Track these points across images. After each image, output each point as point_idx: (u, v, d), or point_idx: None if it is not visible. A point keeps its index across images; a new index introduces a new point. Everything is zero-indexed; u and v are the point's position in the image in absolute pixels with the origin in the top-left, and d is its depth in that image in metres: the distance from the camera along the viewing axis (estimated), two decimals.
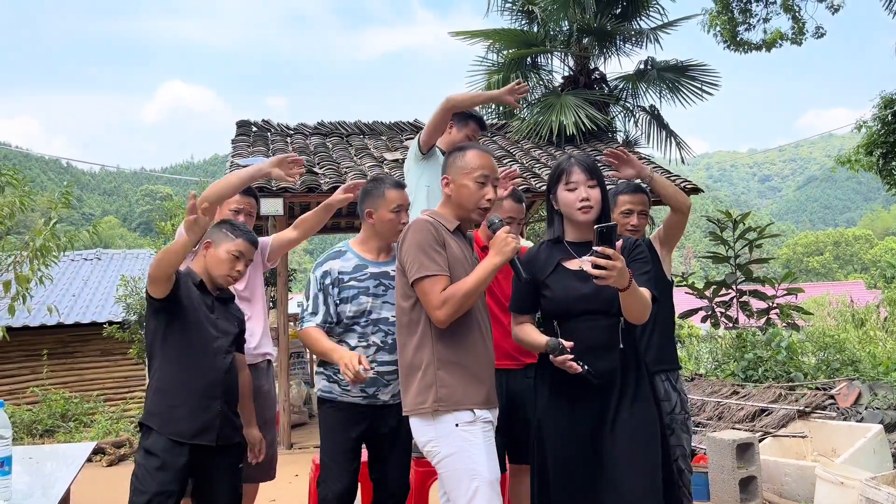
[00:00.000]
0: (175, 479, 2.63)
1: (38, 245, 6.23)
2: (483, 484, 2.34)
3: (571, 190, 2.54)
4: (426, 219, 2.54)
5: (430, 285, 2.40)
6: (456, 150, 2.67)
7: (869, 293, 23.48)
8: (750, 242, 8.47)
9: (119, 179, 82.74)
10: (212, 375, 2.77)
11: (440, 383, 2.40)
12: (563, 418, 2.52)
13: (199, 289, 2.85)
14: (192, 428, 2.69)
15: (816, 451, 5.29)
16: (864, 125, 9.80)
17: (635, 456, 2.42)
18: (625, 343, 2.51)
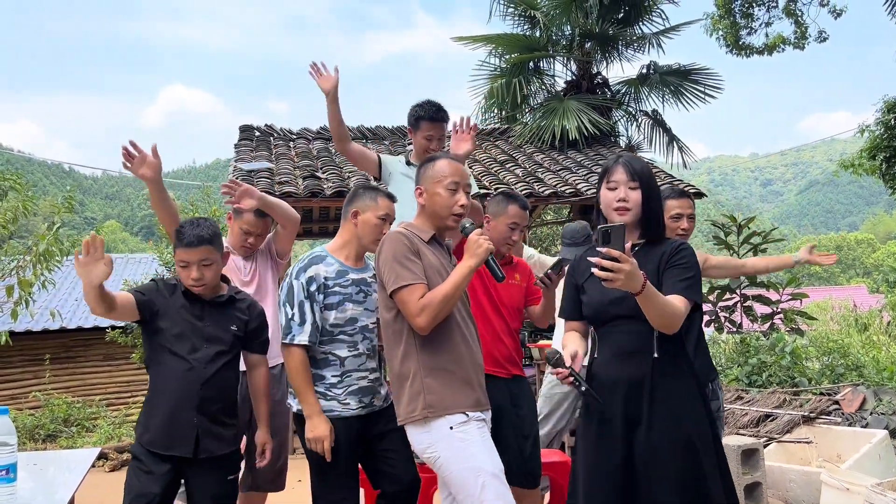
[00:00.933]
0: (157, 484, 2.65)
1: (41, 250, 6.23)
2: (488, 477, 2.37)
3: (612, 189, 2.48)
4: (399, 231, 2.61)
5: (408, 294, 2.45)
6: (427, 160, 2.74)
7: (871, 297, 23.48)
8: (755, 247, 8.44)
9: (121, 184, 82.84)
10: (185, 385, 2.74)
11: (427, 390, 2.45)
12: (594, 426, 2.46)
13: (185, 298, 2.82)
14: (164, 439, 2.70)
15: (821, 457, 5.27)
16: (866, 129, 9.79)
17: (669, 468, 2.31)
18: (660, 352, 2.38)
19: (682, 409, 2.37)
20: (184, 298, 2.83)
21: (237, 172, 7.56)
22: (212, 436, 2.77)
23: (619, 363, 2.41)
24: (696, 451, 2.33)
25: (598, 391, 2.40)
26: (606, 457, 2.38)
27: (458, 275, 2.48)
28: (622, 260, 2.09)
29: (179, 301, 2.81)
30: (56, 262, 6.59)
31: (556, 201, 8.24)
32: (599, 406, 2.40)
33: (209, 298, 2.88)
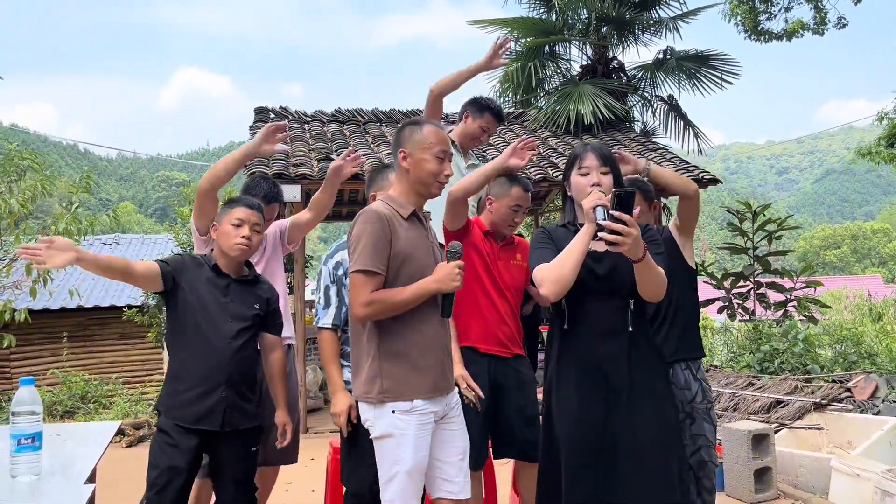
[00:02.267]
0: (184, 457, 2.68)
1: (60, 229, 6.32)
2: (402, 472, 2.38)
3: (584, 175, 2.54)
4: (378, 210, 2.50)
5: (362, 280, 2.40)
6: (410, 123, 2.63)
7: (887, 287, 23.32)
8: (769, 234, 8.42)
9: (135, 166, 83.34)
10: (214, 361, 2.77)
11: (385, 374, 2.43)
12: (572, 403, 2.51)
13: (215, 272, 2.87)
14: (194, 413, 2.73)
15: (832, 444, 5.28)
16: (885, 116, 9.69)
17: (651, 442, 2.43)
18: (634, 326, 2.50)
19: (655, 380, 2.51)
20: (211, 273, 2.86)
21: None
22: (237, 410, 2.82)
23: (598, 339, 2.49)
24: (667, 409, 2.52)
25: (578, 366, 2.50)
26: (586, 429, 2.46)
27: (417, 291, 2.43)
28: (631, 225, 2.14)
29: (206, 275, 2.84)
30: (74, 241, 6.68)
31: None
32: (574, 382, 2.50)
33: (236, 276, 2.91)
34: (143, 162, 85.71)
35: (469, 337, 3.34)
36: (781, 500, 4.54)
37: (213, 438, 2.78)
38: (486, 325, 3.33)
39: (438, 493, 2.54)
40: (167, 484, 2.64)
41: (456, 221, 3.34)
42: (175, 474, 2.66)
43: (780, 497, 4.57)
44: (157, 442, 2.73)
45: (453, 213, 3.33)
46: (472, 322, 3.34)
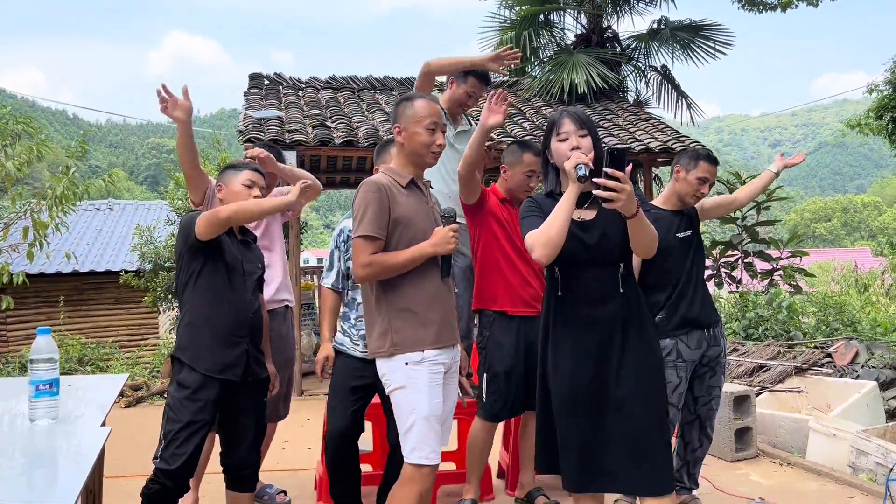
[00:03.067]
0: (206, 410, 2.77)
1: (58, 192, 6.37)
2: (419, 418, 2.56)
3: (562, 140, 2.58)
4: (377, 180, 2.69)
5: (363, 245, 2.59)
6: (404, 99, 2.80)
7: (875, 260, 23.56)
8: (758, 204, 8.55)
9: (125, 132, 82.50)
10: (241, 314, 2.90)
11: (394, 330, 2.61)
12: (567, 364, 2.62)
13: (227, 233, 2.97)
14: (220, 363, 2.81)
15: (811, 406, 5.46)
16: (875, 89, 9.78)
17: (642, 394, 2.55)
18: (625, 288, 2.60)
19: (646, 338, 2.63)
20: (226, 232, 2.95)
21: (248, 120, 7.64)
22: (255, 361, 2.97)
23: (592, 304, 2.60)
24: (658, 376, 2.64)
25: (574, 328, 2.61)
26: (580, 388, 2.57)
27: (414, 253, 2.61)
28: (624, 181, 2.24)
29: (224, 235, 2.94)
30: (72, 205, 6.75)
31: None
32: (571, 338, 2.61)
33: (240, 238, 3.05)
34: (132, 128, 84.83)
35: (497, 302, 3.57)
36: (761, 458, 4.72)
37: (234, 389, 2.88)
38: (511, 289, 3.54)
39: None
40: (190, 436, 2.73)
41: (470, 194, 3.53)
42: (197, 427, 2.75)
43: (760, 456, 4.75)
44: (178, 398, 2.77)
45: (466, 188, 3.52)
46: (497, 287, 3.56)
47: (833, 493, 4.05)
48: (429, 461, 2.55)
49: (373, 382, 3.10)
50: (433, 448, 2.57)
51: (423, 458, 2.55)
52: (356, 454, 3.38)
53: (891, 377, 5.66)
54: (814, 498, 3.97)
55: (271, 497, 3.95)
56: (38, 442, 1.92)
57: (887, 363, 5.81)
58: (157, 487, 2.72)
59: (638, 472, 2.54)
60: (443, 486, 3.86)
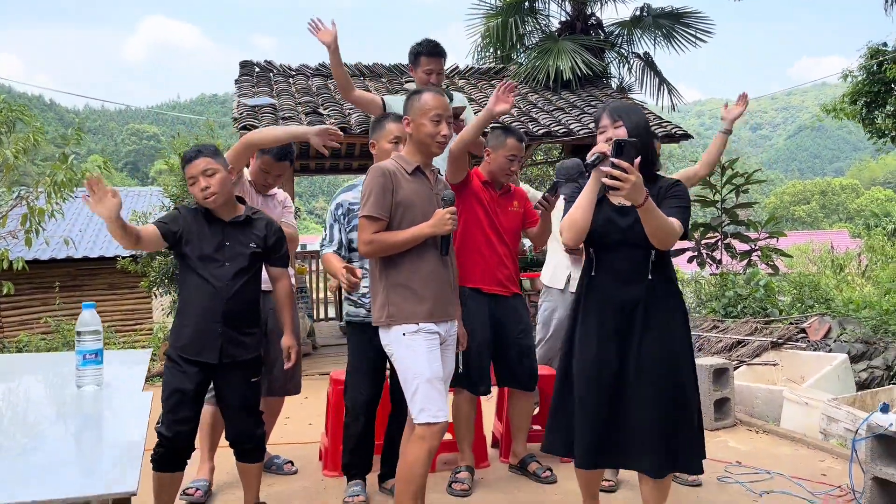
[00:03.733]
0: (190, 381, 3.00)
1: (59, 179, 6.49)
2: (422, 382, 2.80)
3: (601, 132, 2.81)
4: (384, 166, 2.93)
5: (367, 224, 2.85)
6: (413, 93, 3.02)
7: (852, 242, 24.07)
8: (737, 188, 8.84)
9: (104, 118, 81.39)
10: (211, 300, 3.02)
11: (390, 303, 2.86)
12: (591, 341, 2.78)
13: (206, 218, 3.07)
14: (194, 346, 3.02)
15: (786, 378, 5.76)
16: (850, 74, 10.07)
17: (659, 378, 2.68)
18: (654, 275, 2.72)
19: (669, 326, 2.76)
20: (205, 221, 3.08)
21: (241, 108, 7.77)
22: (235, 343, 3.08)
23: (617, 286, 2.77)
24: (679, 364, 2.73)
25: (599, 309, 2.78)
26: (602, 367, 2.74)
27: (413, 233, 2.84)
28: (630, 171, 2.41)
29: (201, 224, 3.08)
30: (69, 191, 6.87)
31: (549, 141, 8.54)
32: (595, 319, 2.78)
33: (228, 220, 3.11)
34: (111, 114, 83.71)
35: (472, 279, 3.75)
36: (738, 427, 5.02)
37: (214, 368, 3.06)
38: (486, 267, 3.75)
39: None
40: (178, 404, 2.97)
41: (457, 174, 3.71)
42: (183, 395, 2.98)
43: (738, 424, 5.04)
44: (168, 368, 3.06)
45: (454, 167, 3.70)
46: (474, 265, 3.76)
47: (805, 456, 4.34)
48: (436, 419, 2.78)
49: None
50: (440, 406, 2.79)
51: (430, 416, 2.77)
52: (373, 426, 3.58)
53: (861, 350, 5.96)
54: (787, 461, 4.25)
55: (279, 467, 4.17)
56: (90, 405, 2.13)
57: (858, 338, 6.12)
58: (161, 451, 2.99)
59: (640, 453, 2.68)
60: (441, 454, 4.10)
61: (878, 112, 9.52)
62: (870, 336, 6.13)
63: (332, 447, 4.05)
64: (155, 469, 3.01)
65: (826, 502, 3.52)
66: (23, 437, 1.86)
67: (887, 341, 6.05)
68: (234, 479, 3.87)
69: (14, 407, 2.25)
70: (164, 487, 3.03)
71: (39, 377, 2.75)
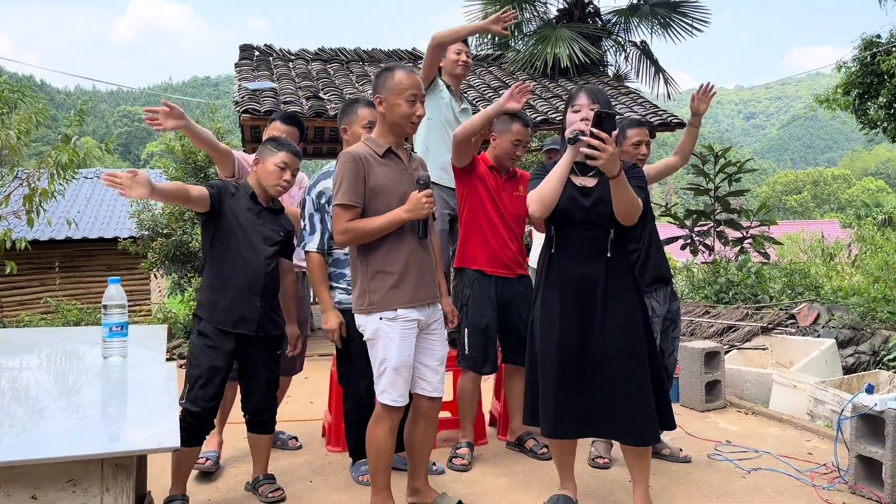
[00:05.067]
0: (223, 358, 3.11)
1: (62, 161, 6.54)
2: (389, 368, 2.85)
3: (576, 112, 2.85)
4: (354, 150, 2.84)
5: (340, 212, 2.79)
6: (385, 70, 2.91)
7: (843, 231, 24.26)
8: (729, 176, 8.96)
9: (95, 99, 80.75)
10: (252, 274, 3.17)
11: (371, 290, 2.84)
12: (553, 317, 2.91)
13: (251, 199, 3.24)
14: (233, 317, 3.13)
15: (775, 362, 5.91)
16: (843, 65, 10.18)
17: (622, 349, 2.83)
18: (612, 252, 2.84)
19: (629, 300, 2.88)
20: (249, 201, 3.23)
21: (242, 91, 7.83)
22: (268, 318, 3.25)
23: (579, 263, 2.89)
24: (639, 336, 2.88)
25: (560, 286, 2.90)
26: (564, 341, 2.87)
27: (390, 219, 2.78)
28: (608, 143, 2.54)
29: (245, 202, 3.22)
30: (73, 173, 6.93)
31: (547, 128, 8.63)
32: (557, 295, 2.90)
33: (267, 205, 3.29)
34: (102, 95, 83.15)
35: (477, 262, 3.86)
36: (729, 408, 5.16)
37: (248, 342, 3.19)
38: (491, 251, 3.84)
39: (417, 390, 3.03)
40: (209, 380, 3.08)
41: (462, 159, 3.77)
42: (215, 372, 3.09)
43: (728, 406, 5.19)
44: (198, 345, 3.12)
45: (458, 152, 3.75)
46: (479, 249, 3.85)
47: (792, 436, 4.49)
48: (395, 403, 2.87)
49: None
50: (401, 393, 2.87)
51: (391, 400, 2.86)
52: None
53: (848, 336, 6.11)
54: (775, 441, 4.39)
55: (284, 442, 4.29)
56: (118, 375, 2.24)
57: (845, 324, 6.26)
58: (185, 425, 3.05)
59: (617, 421, 2.83)
60: (441, 431, 4.22)
61: (870, 103, 9.66)
62: (857, 322, 6.28)
63: (336, 424, 4.17)
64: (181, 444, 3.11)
65: (812, 479, 3.66)
66: (66, 400, 1.98)
67: (874, 328, 6.20)
68: (241, 454, 4.00)
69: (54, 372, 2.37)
70: (183, 460, 3.15)
71: (66, 349, 2.85)
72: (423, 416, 3.06)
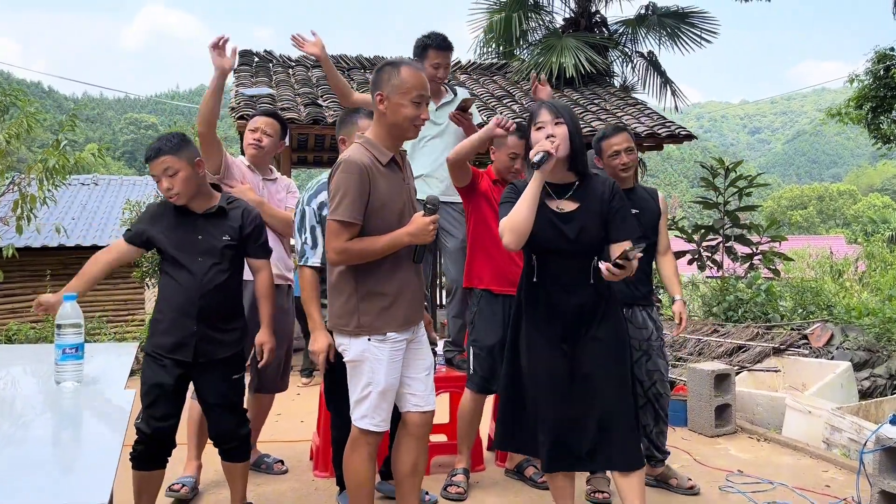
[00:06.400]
0: (169, 375, 2.88)
1: (51, 165, 6.36)
2: (375, 391, 2.59)
3: (539, 129, 2.73)
4: (358, 160, 2.52)
5: (338, 229, 2.49)
6: (388, 64, 2.60)
7: (849, 248, 24.05)
8: (740, 190, 8.74)
9: (102, 106, 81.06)
10: (184, 298, 2.89)
11: (362, 311, 2.57)
12: (538, 346, 2.77)
13: (181, 212, 2.95)
14: (168, 343, 2.90)
15: (788, 385, 5.67)
16: (856, 78, 9.98)
17: (607, 376, 2.70)
18: (595, 279, 2.72)
19: (612, 327, 2.77)
20: (177, 214, 2.95)
21: (239, 97, 7.65)
22: (211, 341, 2.95)
23: (562, 292, 2.75)
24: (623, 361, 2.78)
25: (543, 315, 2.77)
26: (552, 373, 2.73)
27: (390, 242, 2.54)
28: (627, 268, 2.50)
29: (172, 219, 2.95)
30: (62, 178, 6.74)
31: None
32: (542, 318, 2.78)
33: (201, 211, 2.98)
34: (109, 102, 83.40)
35: (483, 280, 3.69)
36: (739, 434, 4.91)
37: (192, 368, 2.94)
38: (497, 269, 3.66)
39: (406, 407, 2.76)
40: (157, 398, 2.86)
41: (460, 179, 3.64)
42: (161, 390, 2.86)
43: (738, 432, 4.94)
44: (146, 362, 2.94)
45: (455, 174, 3.62)
46: (485, 267, 3.70)
47: (808, 466, 4.24)
48: (377, 428, 2.62)
49: None
50: (384, 418, 2.63)
51: (373, 425, 2.61)
52: None
53: (864, 358, 5.88)
54: (790, 471, 4.15)
55: (269, 466, 4.06)
56: (67, 403, 2.01)
57: (861, 345, 6.03)
58: (141, 448, 2.88)
59: (607, 451, 2.70)
60: (435, 456, 4.00)
61: (883, 117, 9.45)
62: (872, 344, 6.04)
63: (324, 447, 3.94)
64: (134, 467, 2.90)
65: None
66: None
67: (890, 349, 5.97)
68: (221, 478, 3.74)
69: None
70: (143, 486, 2.92)
71: (18, 371, 2.62)
72: (412, 435, 2.78)
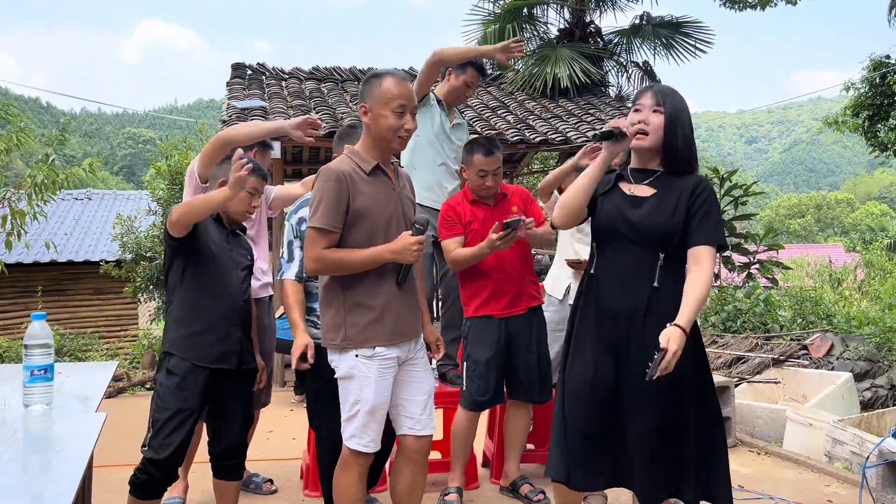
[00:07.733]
0: (195, 398, 2.77)
1: (39, 180, 6.29)
2: (363, 410, 2.52)
3: (636, 111, 2.48)
4: (337, 168, 2.51)
5: (316, 237, 2.47)
6: (372, 76, 2.60)
7: (847, 256, 24.01)
8: (735, 199, 8.68)
9: (100, 121, 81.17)
10: (231, 303, 2.90)
11: (349, 324, 2.52)
12: (585, 353, 2.51)
13: (217, 222, 2.99)
14: (214, 353, 2.82)
15: (788, 396, 5.58)
16: (852, 87, 9.95)
17: (662, 393, 2.34)
18: (660, 282, 2.38)
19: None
20: (215, 224, 2.97)
21: (231, 110, 7.59)
22: (248, 351, 3.00)
23: (619, 290, 2.43)
24: (684, 386, 2.37)
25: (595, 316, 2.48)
26: (595, 384, 2.44)
27: (369, 257, 2.49)
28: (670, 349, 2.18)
29: (212, 226, 2.95)
30: (52, 193, 6.68)
31: (546, 148, 8.38)
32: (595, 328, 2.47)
33: (231, 229, 3.05)
34: (108, 117, 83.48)
35: (483, 306, 3.58)
36: (739, 447, 4.82)
37: (225, 378, 2.88)
38: (495, 290, 3.56)
39: (402, 430, 2.68)
40: (180, 424, 2.73)
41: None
42: (187, 416, 2.75)
43: (738, 445, 4.84)
44: (167, 386, 2.76)
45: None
46: (482, 290, 3.59)
47: (810, 480, 4.15)
48: (367, 449, 2.55)
49: None
50: (373, 438, 2.56)
51: (361, 445, 2.54)
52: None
53: (865, 369, 5.80)
54: (791, 485, 4.06)
55: (258, 485, 3.96)
56: (35, 427, 1.92)
57: (861, 355, 5.95)
58: (145, 477, 2.72)
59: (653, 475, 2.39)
60: (428, 474, 3.89)
61: (880, 125, 9.40)
62: (873, 354, 5.97)
63: (313, 466, 3.84)
64: (137, 496, 2.75)
65: None
66: None
67: (891, 359, 5.89)
68: (208, 499, 3.66)
69: None
70: None
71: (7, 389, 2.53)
72: (410, 459, 2.69)
